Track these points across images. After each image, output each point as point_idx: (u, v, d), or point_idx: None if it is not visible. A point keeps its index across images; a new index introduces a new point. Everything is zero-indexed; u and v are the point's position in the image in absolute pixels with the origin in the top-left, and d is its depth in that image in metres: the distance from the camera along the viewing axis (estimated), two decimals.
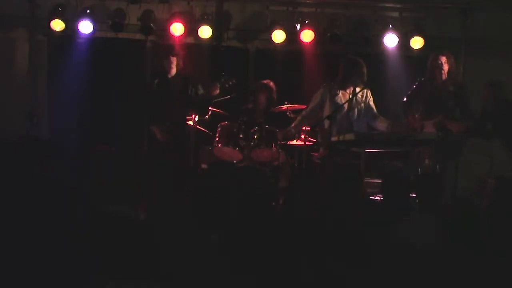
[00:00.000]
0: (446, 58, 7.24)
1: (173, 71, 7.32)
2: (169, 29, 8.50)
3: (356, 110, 7.45)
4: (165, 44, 7.60)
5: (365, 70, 7.42)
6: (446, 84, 7.24)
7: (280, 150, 7.62)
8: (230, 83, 7.31)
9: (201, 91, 7.38)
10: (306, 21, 8.62)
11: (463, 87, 7.42)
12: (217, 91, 7.28)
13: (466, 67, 8.36)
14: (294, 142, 7.66)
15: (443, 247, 4.11)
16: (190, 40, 8.72)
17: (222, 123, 7.75)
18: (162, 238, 3.59)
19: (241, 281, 3.37)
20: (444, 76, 7.24)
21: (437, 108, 7.19)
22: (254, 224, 3.87)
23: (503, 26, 8.59)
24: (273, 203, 7.17)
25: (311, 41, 8.59)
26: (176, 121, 7.28)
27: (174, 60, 7.29)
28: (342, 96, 7.39)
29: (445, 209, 4.86)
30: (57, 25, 8.49)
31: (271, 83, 8.08)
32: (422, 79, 7.41)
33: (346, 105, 7.26)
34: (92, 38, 8.61)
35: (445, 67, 7.22)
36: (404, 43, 8.63)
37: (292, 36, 8.63)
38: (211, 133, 7.85)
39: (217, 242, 3.59)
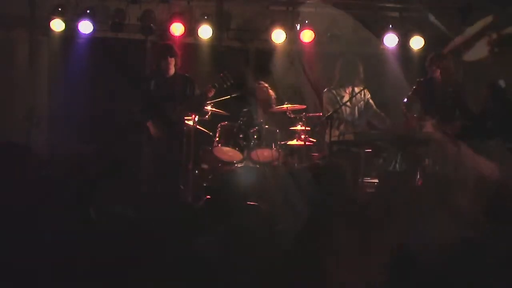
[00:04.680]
0: (445, 57, 7.25)
1: (171, 71, 7.29)
2: (169, 29, 8.50)
3: (356, 108, 7.49)
4: (163, 44, 7.58)
5: (361, 68, 7.43)
6: (444, 84, 7.25)
7: (280, 150, 7.63)
8: (229, 83, 7.28)
9: (197, 91, 7.36)
10: (306, 21, 8.62)
11: (461, 88, 7.42)
12: (212, 93, 7.23)
13: (466, 67, 8.35)
14: (294, 142, 7.67)
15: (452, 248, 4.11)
16: (190, 40, 8.72)
17: (222, 123, 7.76)
18: (161, 237, 3.58)
19: (241, 281, 3.37)
20: (443, 76, 7.25)
21: (436, 108, 7.20)
22: (254, 223, 3.87)
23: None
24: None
25: (311, 41, 8.59)
26: (173, 120, 7.25)
27: (172, 61, 7.23)
28: (347, 97, 7.44)
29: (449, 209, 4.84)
30: (57, 25, 8.49)
31: (264, 84, 8.07)
32: (421, 79, 7.41)
33: (348, 104, 7.33)
34: (92, 38, 8.60)
35: (444, 67, 7.22)
36: (404, 43, 8.63)
37: (292, 36, 8.63)
38: (211, 133, 7.85)
39: (216, 242, 3.59)
